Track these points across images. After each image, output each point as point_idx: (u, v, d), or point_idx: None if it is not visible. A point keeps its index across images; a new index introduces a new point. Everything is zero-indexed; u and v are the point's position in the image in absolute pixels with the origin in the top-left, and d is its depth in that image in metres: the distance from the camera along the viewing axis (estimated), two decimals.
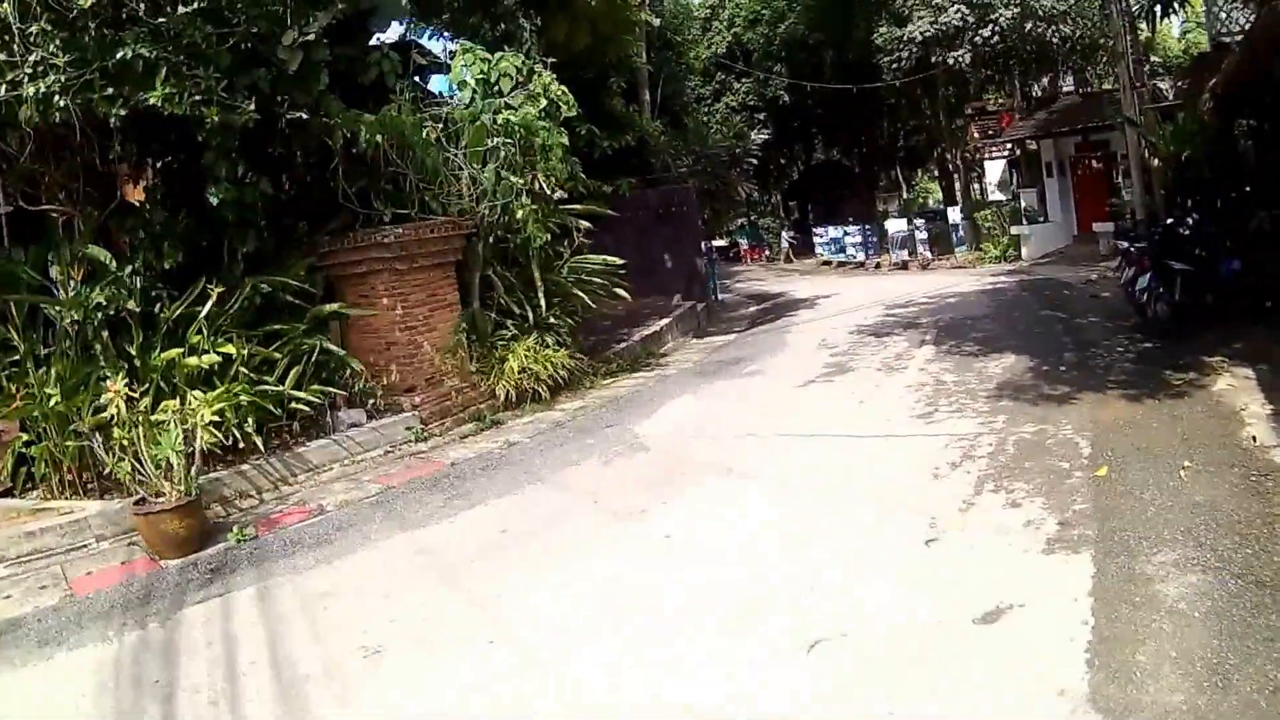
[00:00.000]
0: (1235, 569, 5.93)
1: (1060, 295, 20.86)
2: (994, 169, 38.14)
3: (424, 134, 13.94)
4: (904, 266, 35.70)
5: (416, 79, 15.81)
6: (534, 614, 6.59)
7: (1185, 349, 12.49)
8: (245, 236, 12.02)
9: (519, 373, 14.12)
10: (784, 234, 52.15)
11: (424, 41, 22.70)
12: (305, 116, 11.78)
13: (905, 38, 33.69)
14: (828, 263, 41.84)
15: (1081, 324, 16.27)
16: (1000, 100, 38.38)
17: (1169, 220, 15.12)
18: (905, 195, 53.73)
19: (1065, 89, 36.50)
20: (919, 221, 36.78)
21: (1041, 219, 32.78)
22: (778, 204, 60.71)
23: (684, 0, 42.72)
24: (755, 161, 30.81)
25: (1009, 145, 36.45)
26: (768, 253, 54.16)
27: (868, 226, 39.85)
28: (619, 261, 16.96)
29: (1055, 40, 31.53)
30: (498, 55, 15.47)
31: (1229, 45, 16.81)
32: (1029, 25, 31.01)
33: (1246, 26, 16.80)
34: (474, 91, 15.08)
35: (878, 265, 37.67)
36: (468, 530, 8.69)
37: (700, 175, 27.96)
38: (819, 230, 44.44)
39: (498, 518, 8.95)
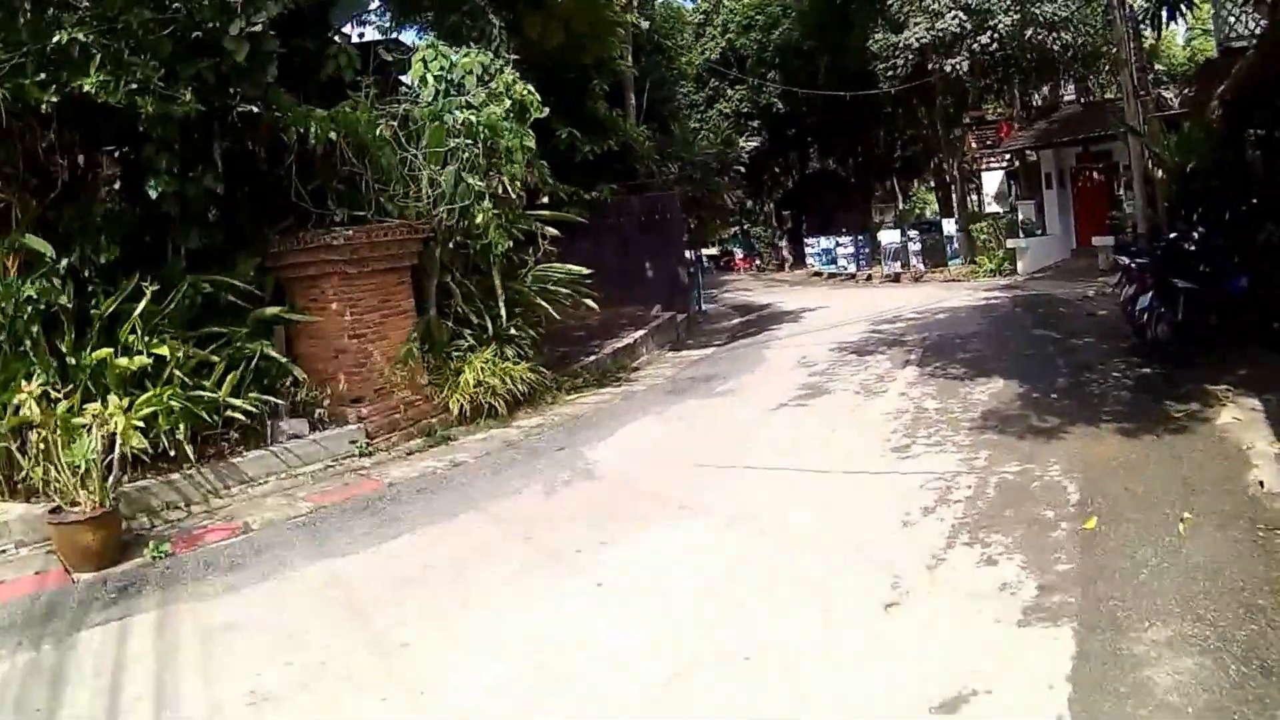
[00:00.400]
0: (1238, 650, 5.05)
1: (1055, 313, 19.91)
2: (991, 180, 37.15)
3: (377, 132, 13.10)
4: (896, 279, 34.80)
5: (378, 75, 14.71)
6: (441, 671, 5.88)
7: (1187, 375, 11.56)
8: (188, 232, 11.46)
9: (474, 386, 13.36)
10: (783, 244, 51.40)
11: (410, 39, 21.96)
12: (257, 110, 11.32)
13: (901, 44, 32.78)
14: (819, 274, 41.10)
15: (1076, 345, 15.32)
16: (999, 109, 37.27)
17: (1173, 235, 14.15)
18: (901, 206, 52.75)
19: (1066, 98, 35.41)
20: (912, 233, 35.84)
21: (1039, 232, 31.83)
22: (771, 213, 59.84)
23: (676, 5, 41.97)
24: (743, 169, 29.82)
25: (1007, 156, 35.48)
26: (758, 262, 53.39)
27: (860, 237, 38.95)
28: (585, 271, 16.03)
29: (1056, 48, 30.54)
30: (462, 52, 14.49)
31: (1238, 51, 15.82)
32: (1029, 32, 30.04)
33: (1257, 32, 15.83)
34: (435, 90, 14.07)
35: (869, 277, 36.87)
36: (389, 563, 7.99)
37: (686, 182, 26.96)
38: (810, 241, 43.64)
39: (423, 550, 8.25)
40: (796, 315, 26.02)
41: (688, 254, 55.69)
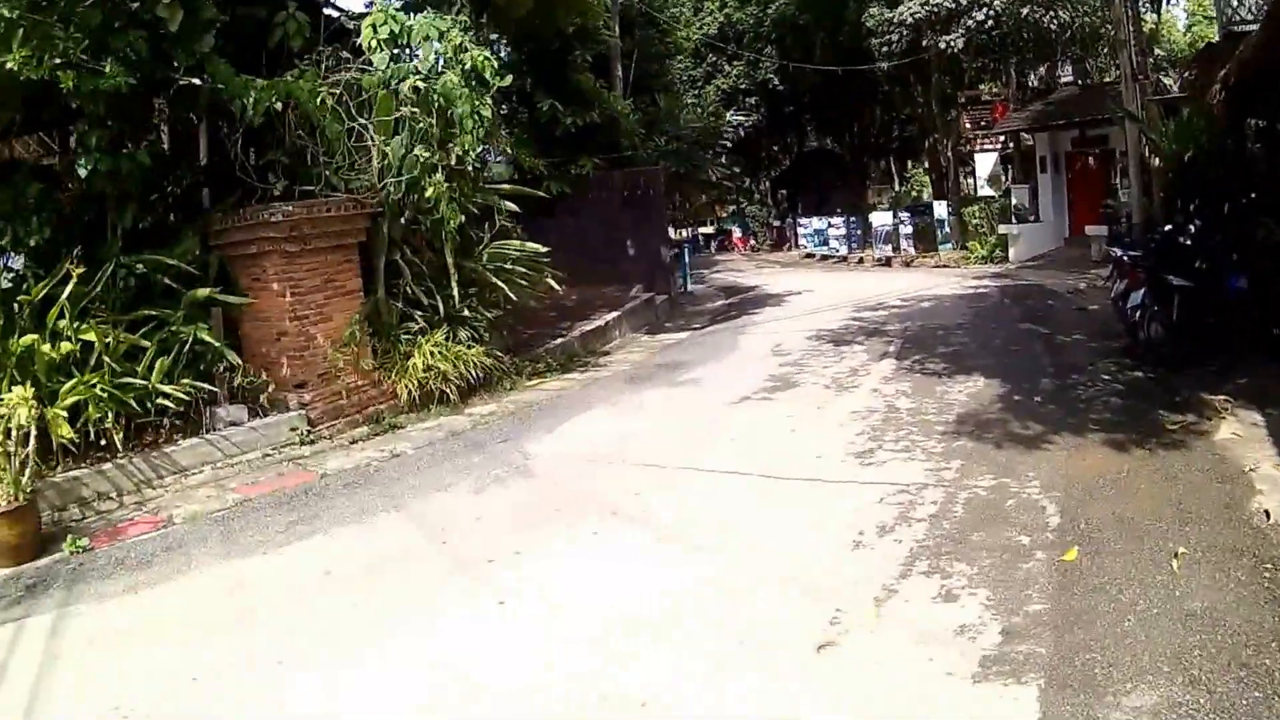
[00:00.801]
0: None
1: (1044, 306, 19.02)
2: (985, 162, 35.92)
3: (318, 101, 12.23)
4: (887, 263, 33.93)
5: (336, 44, 13.74)
6: (320, 699, 5.35)
7: (1182, 381, 10.65)
8: (124, 211, 11.11)
9: (424, 371, 12.74)
10: (778, 223, 50.48)
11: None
12: (198, 82, 11.13)
13: (896, 20, 31.75)
14: (811, 255, 40.21)
15: (1065, 343, 14.43)
16: (995, 90, 36.11)
17: (1168, 227, 13.20)
18: (898, 188, 51.60)
19: (1063, 80, 34.13)
20: (904, 215, 34.83)
21: (1032, 218, 30.78)
22: (767, 192, 58.78)
23: None
24: (729, 144, 28.84)
25: (1001, 138, 34.28)
26: (753, 242, 52.45)
27: (852, 219, 37.96)
28: (543, 249, 15.14)
29: (1053, 26, 29.49)
30: (418, 17, 13.51)
31: (1242, 35, 14.84)
32: (1025, 10, 28.96)
33: (1263, 14, 14.86)
34: (385, 55, 13.07)
35: (860, 260, 35.95)
36: (295, 566, 7.52)
37: (671, 157, 25.97)
38: (803, 221, 42.73)
39: (332, 553, 7.71)
40: (780, 299, 25.13)
41: (676, 232, 55.63)
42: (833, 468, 8.84)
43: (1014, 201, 31.57)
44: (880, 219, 35.62)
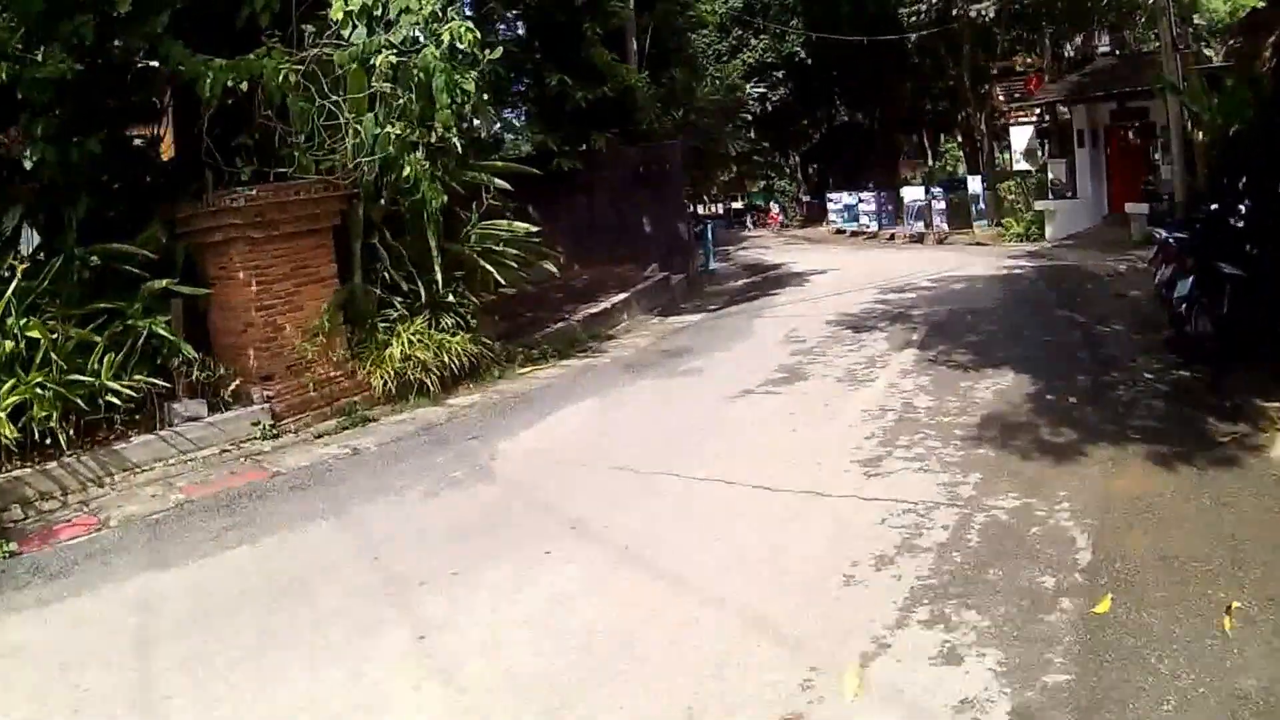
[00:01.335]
0: None
1: (1082, 290, 17.72)
2: (1020, 136, 34.18)
3: (280, 78, 11.30)
4: (919, 239, 32.70)
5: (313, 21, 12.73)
6: None
7: (1234, 384, 9.41)
8: (77, 201, 10.60)
9: (401, 360, 11.99)
10: (808, 199, 49.34)
11: None
12: (156, 65, 10.81)
13: None
14: (841, 231, 39.01)
15: (1104, 333, 13.25)
16: (1029, 61, 34.47)
17: (1214, 206, 11.96)
18: (931, 162, 50.13)
19: (1100, 50, 32.32)
20: (937, 191, 33.48)
21: (1069, 194, 29.33)
22: (796, 167, 57.47)
23: None
24: (750, 117, 27.63)
25: (1037, 111, 32.64)
26: (782, 218, 51.26)
27: (883, 194, 36.66)
28: (532, 229, 14.14)
29: None
30: None
31: None
32: None
33: None
34: (361, 29, 12.06)
35: (891, 237, 34.69)
36: (210, 582, 6.84)
37: (688, 131, 24.81)
38: (833, 197, 41.43)
39: (253, 568, 7.05)
40: (804, 278, 24.04)
41: (706, 208, 54.50)
42: (833, 478, 7.74)
43: (1050, 177, 30.11)
44: (912, 194, 34.31)
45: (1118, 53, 31.13)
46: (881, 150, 47.89)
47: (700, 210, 63.29)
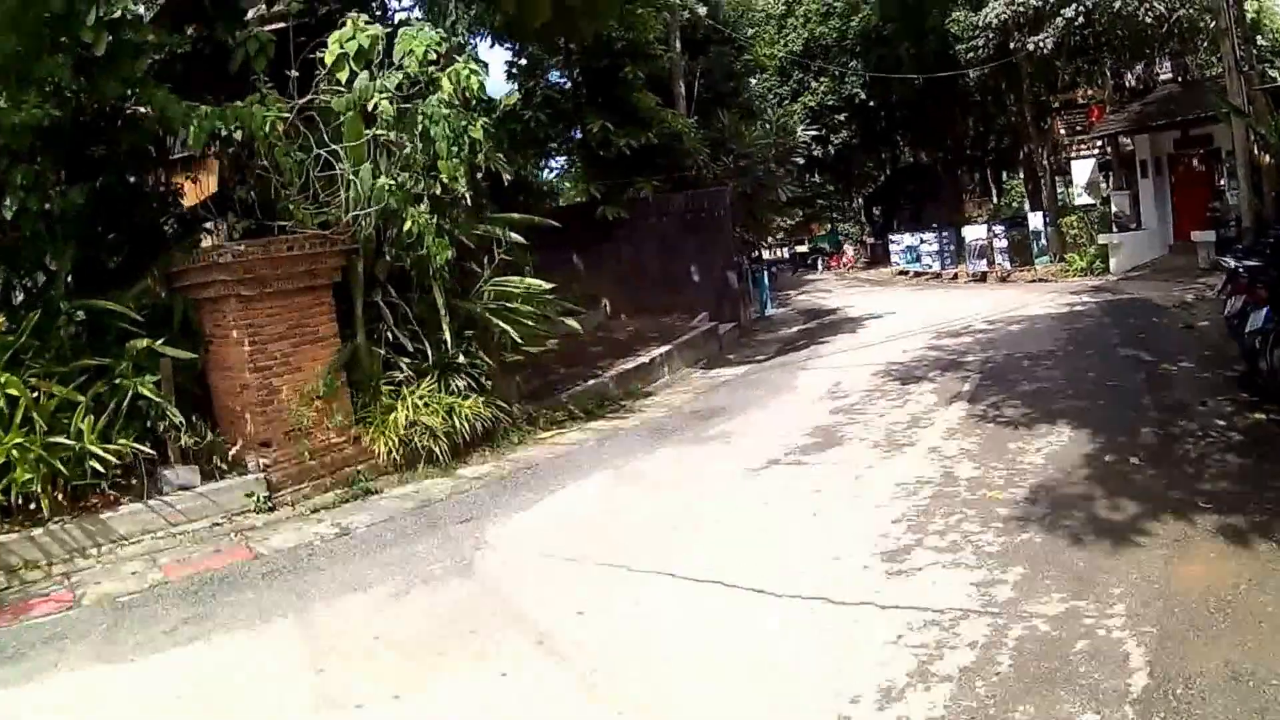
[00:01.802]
0: None
1: (1148, 325, 16.15)
2: (1082, 169, 32.48)
3: (267, 127, 10.36)
4: (981, 278, 31.11)
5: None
6: None
7: None
8: (62, 253, 9.88)
9: (407, 427, 10.81)
10: (871, 240, 47.97)
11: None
12: (144, 110, 10.10)
13: (981, 23, 29.15)
14: (904, 272, 37.53)
15: (1170, 374, 11.76)
16: (1090, 93, 32.71)
17: None
18: (996, 200, 48.38)
19: (1162, 77, 30.51)
20: (998, 229, 31.82)
21: (1133, 225, 27.60)
22: (860, 209, 56.11)
23: None
24: (802, 160, 26.37)
25: (1099, 142, 30.85)
26: (846, 260, 49.92)
27: (945, 234, 35.06)
28: (546, 285, 12.82)
29: (1149, 19, 26.35)
30: (403, 30, 11.52)
31: None
32: (1118, 3, 25.90)
33: None
34: (355, 73, 11.13)
35: (954, 276, 33.13)
36: (150, 684, 6.03)
37: (737, 176, 23.63)
38: (895, 238, 40.02)
39: (194, 672, 6.16)
40: (859, 323, 22.70)
41: (769, 252, 53.28)
42: (849, 577, 6.37)
43: (1114, 209, 28.42)
44: (973, 233, 32.68)
45: (1179, 79, 29.41)
46: (945, 190, 46.43)
47: (764, 254, 62.36)
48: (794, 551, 7.04)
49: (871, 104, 41.59)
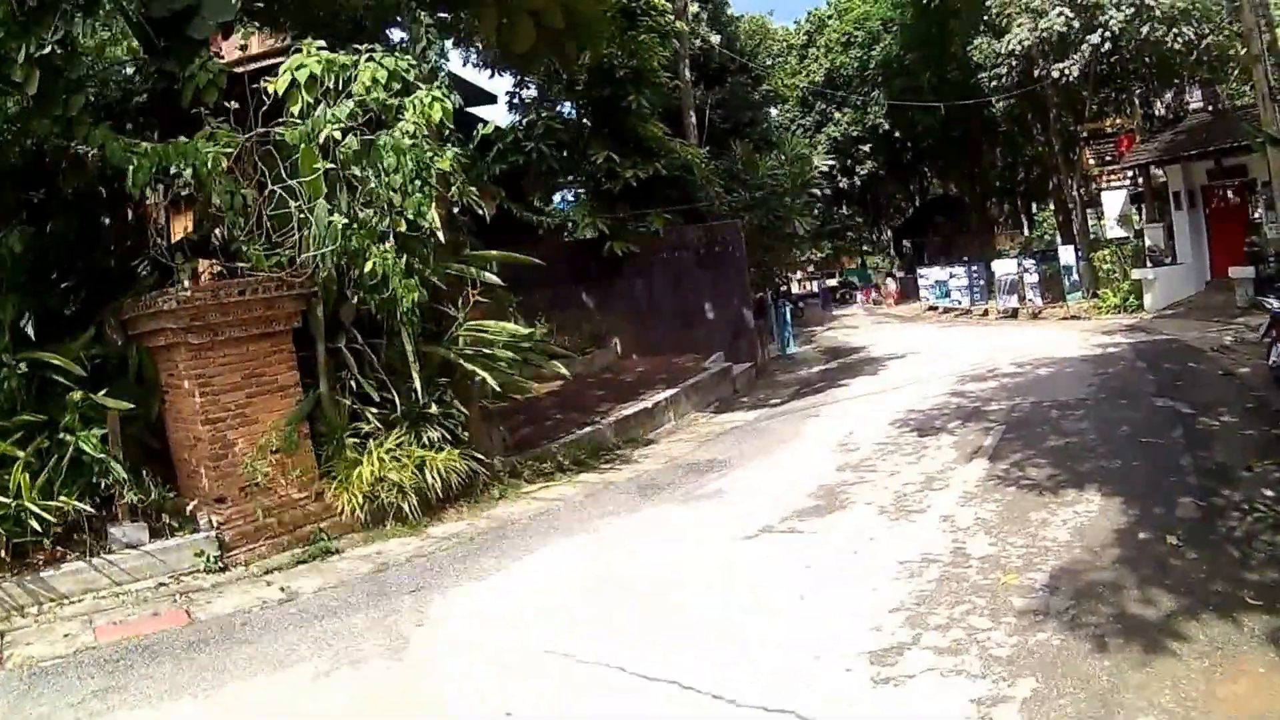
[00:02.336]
0: None
1: (1185, 369, 15.09)
2: (1114, 201, 31.16)
3: (209, 163, 9.54)
4: (1012, 315, 30.28)
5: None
6: None
7: None
8: (3, 304, 9.48)
9: (373, 482, 10.09)
10: (900, 274, 47.07)
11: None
12: (92, 150, 9.40)
13: (1004, 50, 28.36)
14: (934, 308, 36.85)
15: (1211, 429, 10.75)
16: (1119, 122, 31.61)
17: None
18: (1027, 232, 47.30)
19: (1193, 105, 29.64)
20: (1029, 263, 30.81)
21: (1168, 260, 26.51)
22: (889, 242, 55.25)
23: (760, 19, 37.75)
24: (817, 193, 25.50)
25: (1129, 173, 29.71)
26: (874, 294, 49.02)
27: (975, 268, 34.08)
28: (525, 331, 11.98)
29: (1178, 45, 25.40)
30: (363, 59, 10.65)
31: None
32: (1145, 29, 24.98)
33: None
34: (309, 104, 10.28)
35: (985, 313, 32.33)
36: None
37: (753, 208, 22.76)
38: (923, 272, 39.22)
39: None
40: (881, 364, 21.79)
41: (790, 287, 52.46)
42: (827, 684, 5.38)
43: (1147, 243, 27.27)
44: (1003, 268, 31.66)
45: (1210, 108, 28.35)
46: (976, 222, 45.48)
47: (794, 288, 61.65)
48: (770, 646, 6.05)
49: (896, 134, 40.97)
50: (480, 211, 11.67)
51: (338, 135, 9.91)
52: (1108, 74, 27.98)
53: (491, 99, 22.22)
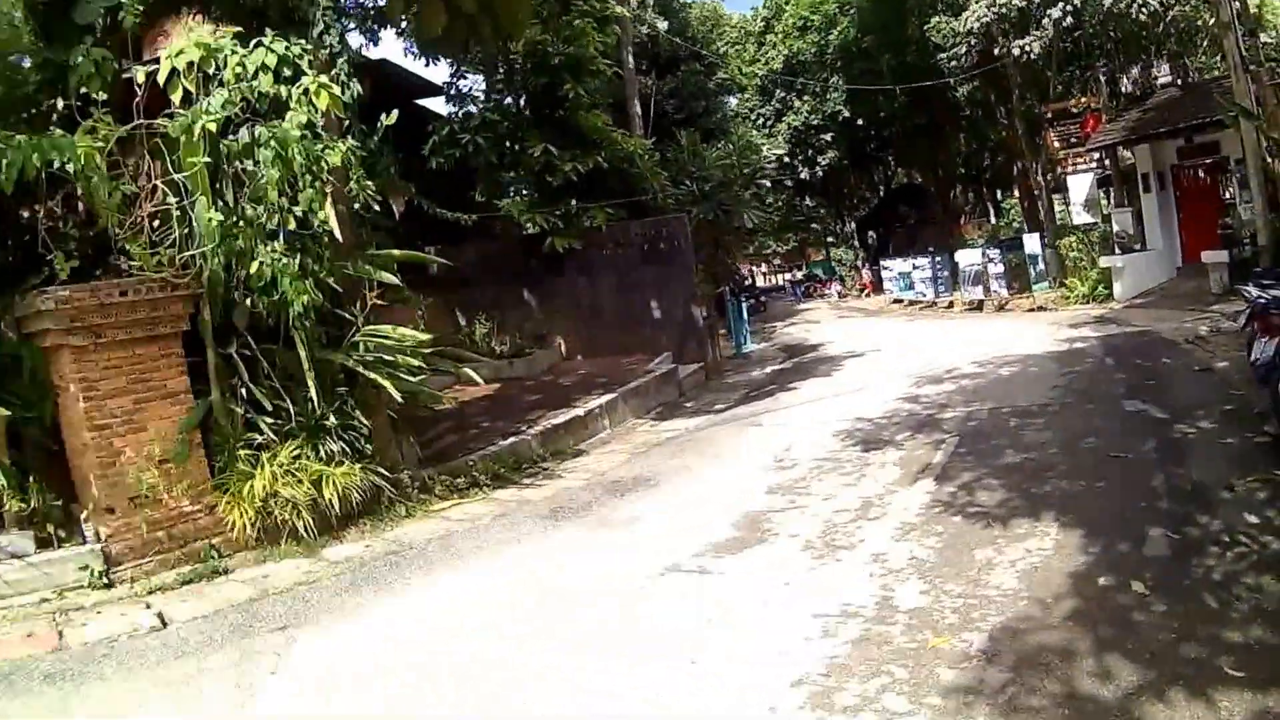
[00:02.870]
0: None
1: (1157, 367, 14.07)
2: (1080, 185, 29.91)
3: (79, 155, 8.70)
4: (978, 307, 29.46)
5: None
6: None
7: None
8: None
9: (265, 498, 9.43)
10: (865, 266, 46.23)
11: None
12: None
13: (963, 29, 27.41)
14: (899, 300, 35.87)
15: (1187, 437, 9.74)
16: (1084, 101, 30.47)
17: None
18: (994, 220, 46.30)
19: (1161, 80, 28.51)
20: (994, 253, 29.79)
21: (1138, 246, 25.61)
22: (853, 233, 54.30)
23: (711, 5, 36.51)
24: (768, 184, 24.38)
25: (1096, 155, 28.58)
26: (839, 287, 48.06)
27: (938, 259, 33.11)
28: (423, 336, 10.91)
29: (1143, 17, 24.46)
30: (255, 47, 9.70)
31: None
32: (1108, 1, 24.01)
33: None
34: (188, 93, 9.48)
35: (950, 305, 31.53)
36: None
37: (700, 201, 21.63)
38: (887, 264, 38.30)
39: None
40: (837, 363, 20.86)
41: (755, 281, 51.56)
42: None
43: (1115, 228, 26.30)
44: (967, 258, 30.69)
45: (1179, 82, 27.34)
46: (941, 211, 44.53)
47: (760, 282, 60.80)
48: None
49: (859, 122, 40.15)
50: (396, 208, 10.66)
51: (211, 128, 9.11)
52: (1071, 51, 27.08)
53: (440, 91, 21.10)
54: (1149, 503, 7.76)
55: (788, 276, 65.51)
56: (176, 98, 9.46)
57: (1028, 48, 25.77)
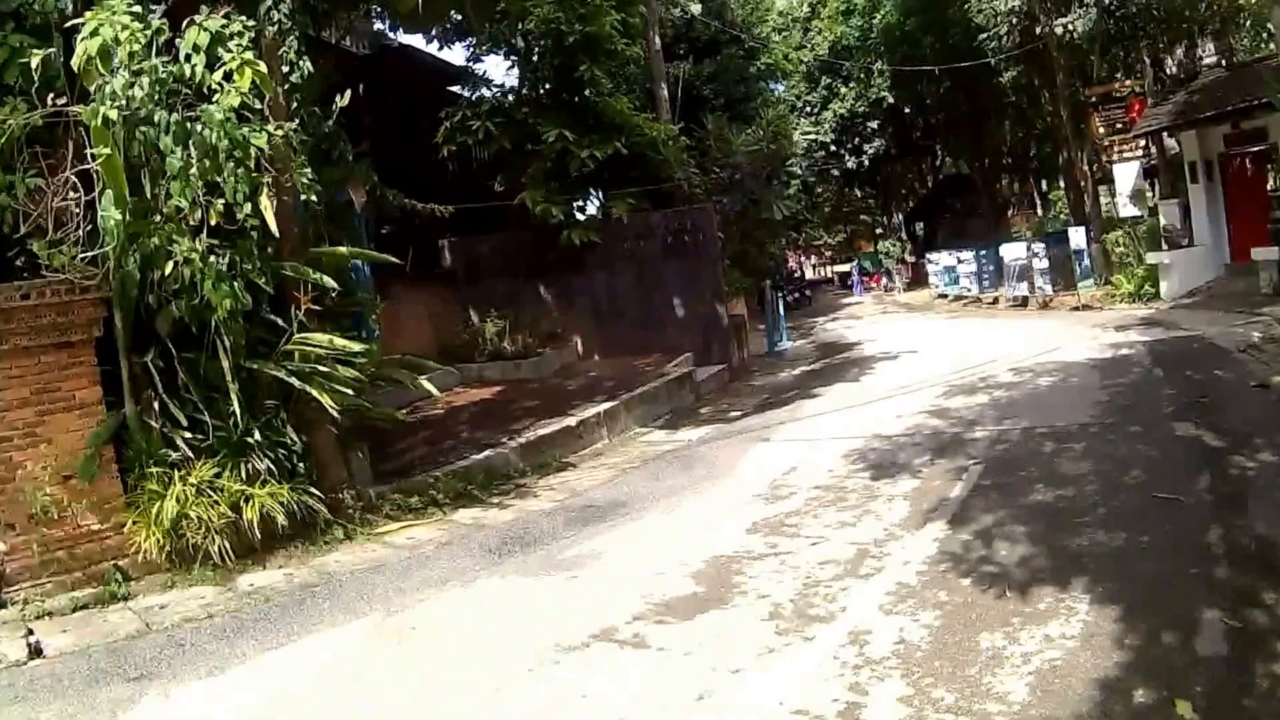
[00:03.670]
0: None
1: (1208, 379, 12.32)
2: (1126, 174, 27.42)
3: None
4: (1022, 304, 27.85)
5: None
6: None
7: None
8: None
9: (175, 518, 8.26)
10: (911, 259, 44.72)
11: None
12: None
13: (1004, 8, 26.01)
14: (943, 295, 34.22)
15: (1247, 473, 8.06)
16: (1128, 84, 28.22)
17: None
18: (1041, 212, 44.01)
19: (1206, 60, 26.16)
20: (1038, 247, 27.79)
21: (1185, 241, 23.56)
22: (900, 226, 52.33)
23: None
24: (798, 172, 22.68)
25: (1141, 142, 26.25)
26: (885, 280, 46.32)
27: (984, 253, 31.27)
28: (356, 347, 9.37)
29: None
30: (190, 25, 8.38)
31: None
32: None
33: None
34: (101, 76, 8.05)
35: (994, 301, 30.01)
36: None
37: (728, 191, 19.98)
38: (932, 258, 36.50)
39: None
40: (868, 365, 19.30)
41: (803, 273, 49.90)
42: None
43: (1163, 222, 24.30)
44: (1012, 252, 28.78)
45: (1225, 63, 25.08)
46: (988, 203, 42.48)
47: (809, 274, 59.19)
48: None
49: (905, 110, 38.66)
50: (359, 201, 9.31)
51: (113, 114, 7.79)
52: (1114, 32, 25.14)
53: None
54: (1203, 569, 6.08)
55: (837, 269, 63.81)
56: (92, 85, 8.08)
57: (1071, 26, 23.87)
